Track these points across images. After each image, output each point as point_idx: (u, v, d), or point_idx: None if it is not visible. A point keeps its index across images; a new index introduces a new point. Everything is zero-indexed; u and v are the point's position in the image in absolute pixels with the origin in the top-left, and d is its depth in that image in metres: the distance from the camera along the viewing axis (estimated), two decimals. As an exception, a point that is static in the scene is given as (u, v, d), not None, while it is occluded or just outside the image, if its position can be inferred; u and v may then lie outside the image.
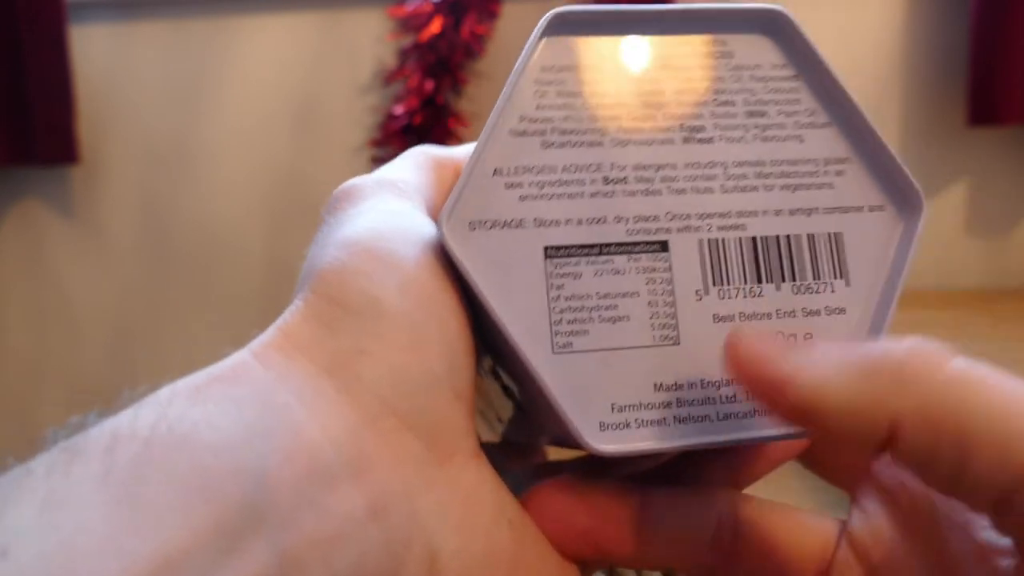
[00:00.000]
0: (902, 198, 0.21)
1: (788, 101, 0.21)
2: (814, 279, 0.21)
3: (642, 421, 0.19)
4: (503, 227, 0.19)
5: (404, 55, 1.26)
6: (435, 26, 1.20)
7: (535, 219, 0.19)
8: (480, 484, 0.18)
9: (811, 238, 0.21)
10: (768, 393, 0.17)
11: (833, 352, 0.16)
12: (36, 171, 1.36)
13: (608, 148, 0.20)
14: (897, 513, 0.19)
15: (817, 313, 0.21)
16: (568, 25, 0.20)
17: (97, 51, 1.34)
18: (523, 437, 0.26)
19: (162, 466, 0.14)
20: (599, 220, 0.20)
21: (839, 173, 0.21)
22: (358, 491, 0.16)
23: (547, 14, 0.20)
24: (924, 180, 1.37)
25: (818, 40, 0.20)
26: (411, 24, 1.24)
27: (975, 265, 1.23)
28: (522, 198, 0.19)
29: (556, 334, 0.19)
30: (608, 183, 0.20)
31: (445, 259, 0.19)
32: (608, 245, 0.20)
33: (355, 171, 1.46)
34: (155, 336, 1.38)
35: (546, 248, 0.19)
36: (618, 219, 0.20)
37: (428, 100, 1.23)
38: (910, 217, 0.21)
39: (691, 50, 0.21)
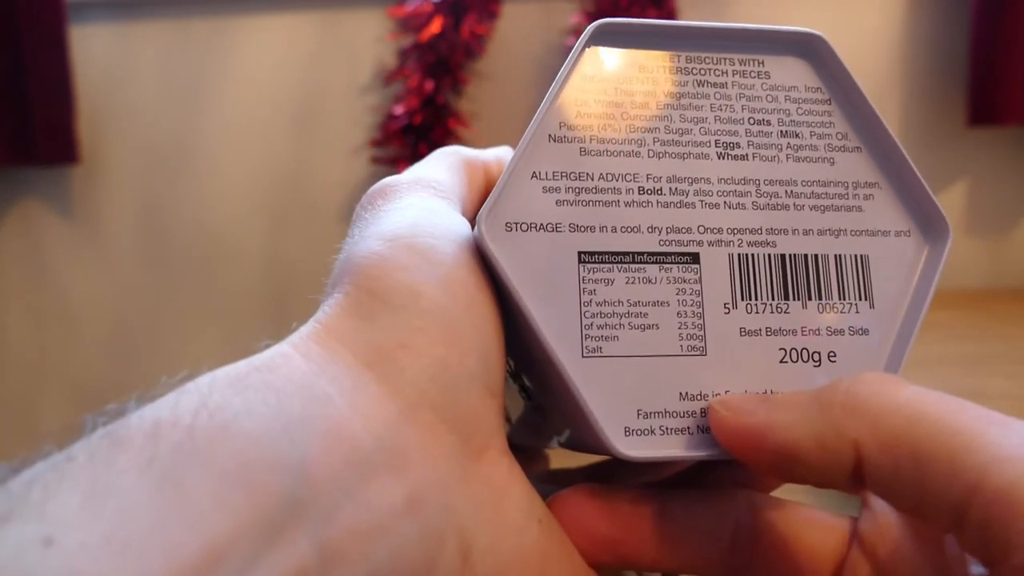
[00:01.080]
0: (928, 225, 0.22)
1: (821, 124, 0.22)
2: (839, 299, 0.21)
3: (666, 429, 0.20)
4: (539, 230, 0.20)
5: (404, 55, 1.26)
6: (435, 26, 1.20)
7: (570, 224, 0.20)
8: (511, 481, 0.18)
9: (838, 259, 0.21)
10: (749, 448, 0.18)
11: (796, 397, 0.18)
12: (36, 171, 1.36)
13: (645, 159, 0.21)
14: (903, 515, 0.20)
15: (841, 332, 0.21)
16: (612, 36, 0.21)
17: (97, 51, 1.34)
18: (529, 441, 0.27)
19: (204, 455, 0.14)
20: (633, 229, 0.20)
21: (867, 197, 0.21)
22: (397, 483, 0.16)
23: (592, 24, 0.20)
24: (924, 180, 1.36)
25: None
26: (411, 24, 1.24)
27: (975, 265, 1.23)
28: (559, 203, 0.20)
29: (587, 338, 0.20)
30: (643, 193, 0.20)
31: (480, 258, 0.19)
32: (641, 254, 0.20)
33: (355, 171, 1.46)
34: (155, 336, 1.38)
35: (580, 253, 0.20)
36: (651, 229, 0.20)
37: (428, 100, 1.23)
38: (935, 243, 0.21)
39: (730, 68, 0.21)
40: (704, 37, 0.21)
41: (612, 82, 0.21)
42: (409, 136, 1.24)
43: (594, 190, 0.20)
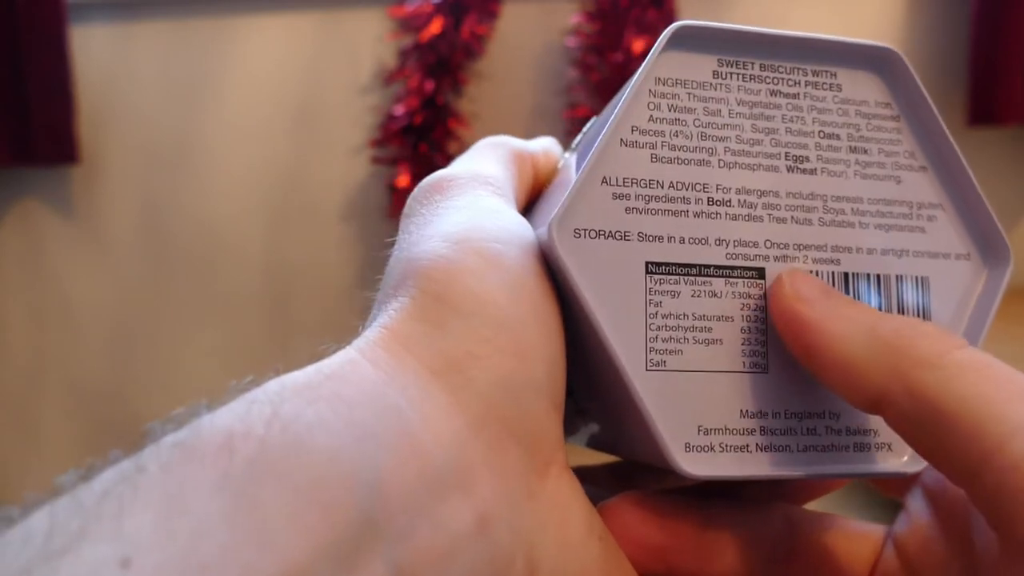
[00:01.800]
0: (989, 248, 0.21)
1: (890, 141, 0.21)
2: None
3: (726, 446, 0.20)
4: (608, 237, 0.19)
5: (404, 55, 1.26)
6: (435, 26, 1.20)
7: (639, 233, 0.19)
8: (573, 498, 0.18)
9: (899, 279, 0.21)
10: (790, 331, 0.18)
11: (857, 310, 0.18)
12: (36, 171, 1.36)
13: (715, 169, 0.20)
14: (938, 513, 0.20)
15: None
16: (689, 39, 0.20)
17: (97, 51, 1.34)
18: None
19: (278, 470, 0.13)
20: (701, 240, 0.20)
21: (931, 218, 0.21)
22: (467, 503, 0.15)
23: (671, 26, 0.20)
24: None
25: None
26: (411, 24, 1.24)
27: (975, 265, 1.23)
28: (628, 210, 0.19)
29: (651, 351, 0.19)
30: (712, 204, 0.20)
31: (545, 263, 0.19)
32: (708, 267, 0.20)
33: (355, 171, 1.46)
34: (155, 335, 1.38)
35: (648, 263, 0.19)
36: (719, 241, 0.20)
37: (428, 100, 1.23)
38: (995, 268, 0.21)
39: (802, 78, 0.21)
40: (781, 46, 0.21)
41: (686, 87, 0.20)
42: (409, 136, 1.24)
43: (664, 199, 0.20)
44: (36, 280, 1.40)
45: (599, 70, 1.20)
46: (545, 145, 0.25)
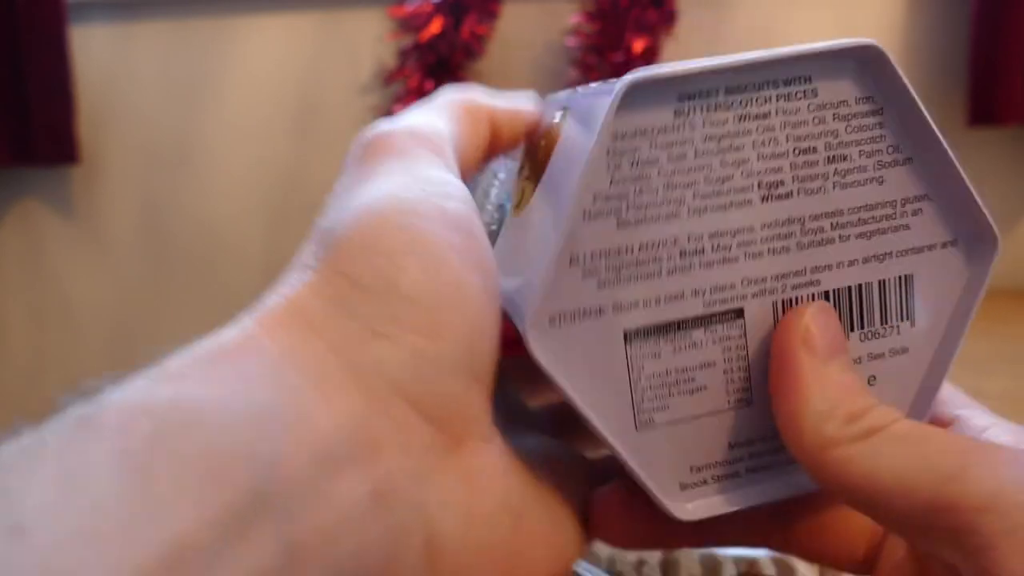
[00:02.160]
0: (976, 234, 0.21)
1: (871, 139, 0.20)
2: (881, 324, 0.21)
3: (717, 476, 0.20)
4: (583, 317, 0.19)
5: (404, 55, 1.26)
6: (435, 26, 1.20)
7: (613, 304, 0.19)
8: (488, 471, 0.18)
9: (882, 284, 0.20)
10: (782, 366, 0.19)
11: (836, 394, 0.18)
12: (36, 171, 1.36)
13: (684, 219, 0.19)
14: None
15: (881, 356, 0.21)
16: (642, 91, 0.18)
17: (97, 51, 1.34)
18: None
19: (174, 447, 0.13)
20: (676, 296, 0.19)
21: (916, 212, 0.20)
22: (363, 478, 0.15)
23: (621, 83, 0.18)
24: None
25: (818, 40, 0.20)
26: (411, 24, 1.24)
27: (975, 265, 1.23)
28: (600, 285, 0.19)
29: (639, 412, 0.20)
30: (685, 256, 0.19)
31: (480, 235, 0.19)
32: (686, 320, 0.19)
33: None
34: (155, 335, 1.38)
35: (626, 333, 0.19)
36: (695, 292, 0.19)
37: (428, 100, 1.23)
38: (982, 254, 0.21)
39: (773, 93, 0.19)
40: (743, 71, 0.19)
41: (647, 136, 0.19)
42: (409, 136, 1.24)
43: (635, 263, 0.19)
44: (36, 280, 1.40)
45: (599, 70, 1.20)
46: (517, 103, 0.24)
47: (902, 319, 0.21)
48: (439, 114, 0.22)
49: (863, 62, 0.19)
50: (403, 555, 0.16)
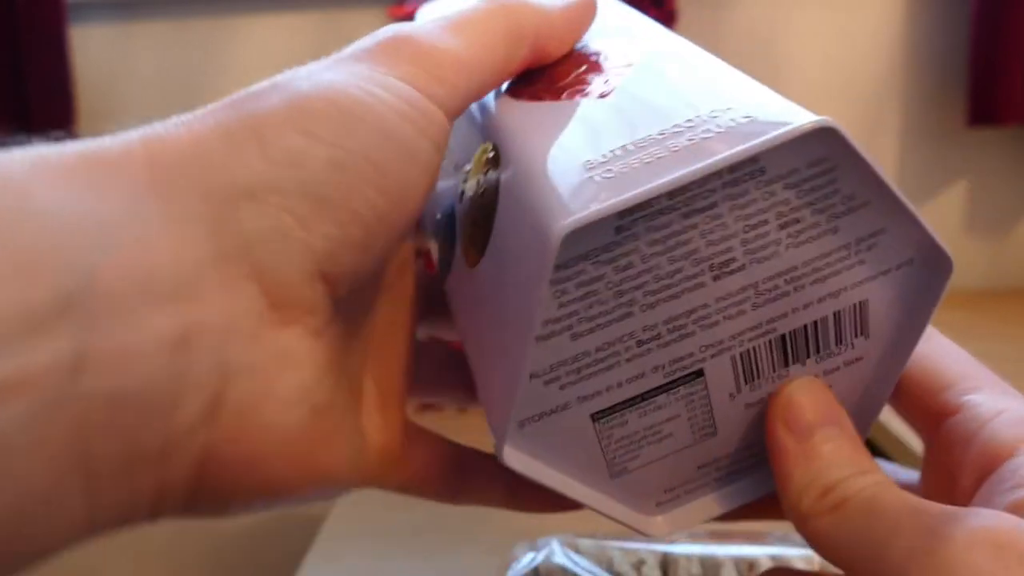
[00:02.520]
0: (931, 257, 0.20)
1: (825, 195, 0.19)
2: (836, 345, 0.21)
3: (688, 490, 0.23)
4: (550, 414, 0.20)
5: (404, 55, 1.25)
6: (435, 26, 1.20)
7: (578, 397, 0.20)
8: (303, 360, 0.18)
9: (837, 315, 0.20)
10: (772, 445, 0.20)
11: (819, 473, 0.19)
12: (36, 171, 1.36)
13: (637, 316, 0.19)
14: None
15: (836, 369, 0.21)
16: (581, 232, 0.17)
17: (97, 51, 1.34)
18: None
19: (2, 233, 0.14)
20: (638, 376, 0.20)
21: (872, 247, 0.20)
22: (175, 319, 0.15)
23: (555, 237, 0.17)
24: (924, 180, 1.35)
25: (818, 40, 0.20)
26: (411, 24, 1.24)
27: (975, 265, 1.23)
28: (562, 387, 0.20)
29: (611, 464, 0.22)
30: (642, 344, 0.20)
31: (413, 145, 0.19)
32: (649, 392, 0.21)
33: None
34: (155, 336, 1.38)
35: (592, 415, 0.21)
36: (655, 369, 0.20)
37: (428, 100, 1.23)
38: (938, 274, 0.20)
39: (718, 183, 0.18)
40: (679, 193, 0.18)
41: (589, 258, 0.18)
42: (409, 136, 1.24)
43: (593, 363, 0.20)
44: (36, 280, 1.40)
45: (599, 70, 1.19)
46: (569, 11, 0.23)
47: (857, 335, 0.21)
48: (472, 29, 0.21)
49: (815, 137, 0.18)
50: (185, 405, 0.16)
